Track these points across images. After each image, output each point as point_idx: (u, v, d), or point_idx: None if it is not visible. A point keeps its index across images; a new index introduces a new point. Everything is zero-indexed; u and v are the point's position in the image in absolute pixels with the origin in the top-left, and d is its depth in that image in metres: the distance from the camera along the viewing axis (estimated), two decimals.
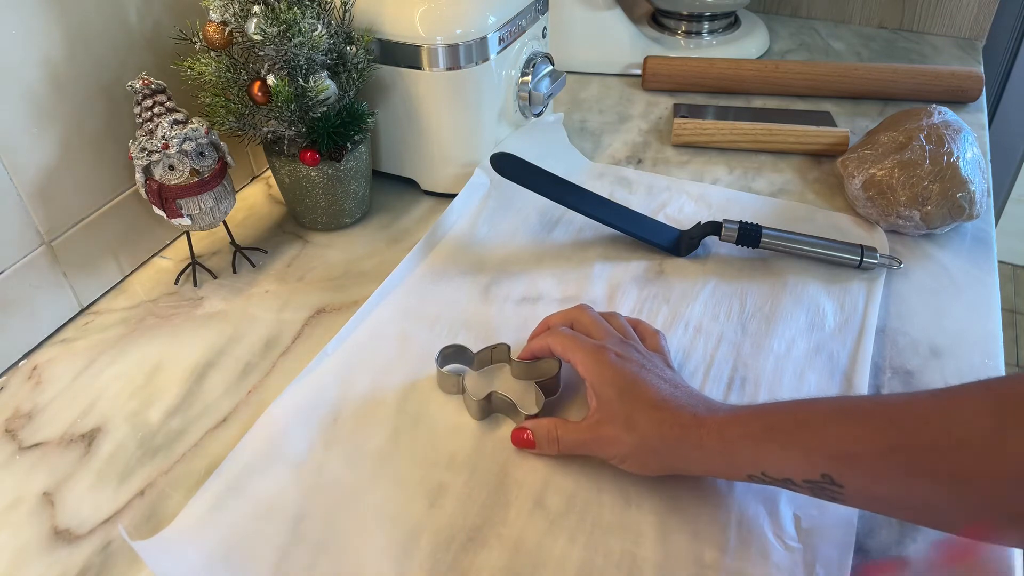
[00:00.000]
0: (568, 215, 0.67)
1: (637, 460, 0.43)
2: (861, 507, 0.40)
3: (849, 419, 0.37)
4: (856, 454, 0.36)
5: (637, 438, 0.42)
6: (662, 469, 0.43)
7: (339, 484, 0.45)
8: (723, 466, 0.41)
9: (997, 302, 0.58)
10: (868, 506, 0.39)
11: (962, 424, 0.33)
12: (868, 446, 0.35)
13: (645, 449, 0.42)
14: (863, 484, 0.36)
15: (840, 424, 0.37)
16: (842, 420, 0.37)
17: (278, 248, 0.65)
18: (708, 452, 0.40)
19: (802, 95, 0.85)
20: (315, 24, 0.56)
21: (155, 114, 0.54)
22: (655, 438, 0.42)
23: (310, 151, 0.60)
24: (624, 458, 0.43)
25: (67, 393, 0.52)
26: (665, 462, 0.42)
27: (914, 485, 0.34)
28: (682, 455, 0.41)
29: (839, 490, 0.36)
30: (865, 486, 0.36)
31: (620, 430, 0.42)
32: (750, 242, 0.61)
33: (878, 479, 0.35)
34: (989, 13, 0.95)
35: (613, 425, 0.43)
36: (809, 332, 0.55)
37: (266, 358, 0.54)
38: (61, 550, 0.43)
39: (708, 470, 0.43)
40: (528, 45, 0.69)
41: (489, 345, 0.52)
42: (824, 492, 0.37)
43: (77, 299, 0.59)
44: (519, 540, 0.42)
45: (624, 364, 0.45)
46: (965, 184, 0.61)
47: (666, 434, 0.41)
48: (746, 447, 0.39)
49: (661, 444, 0.42)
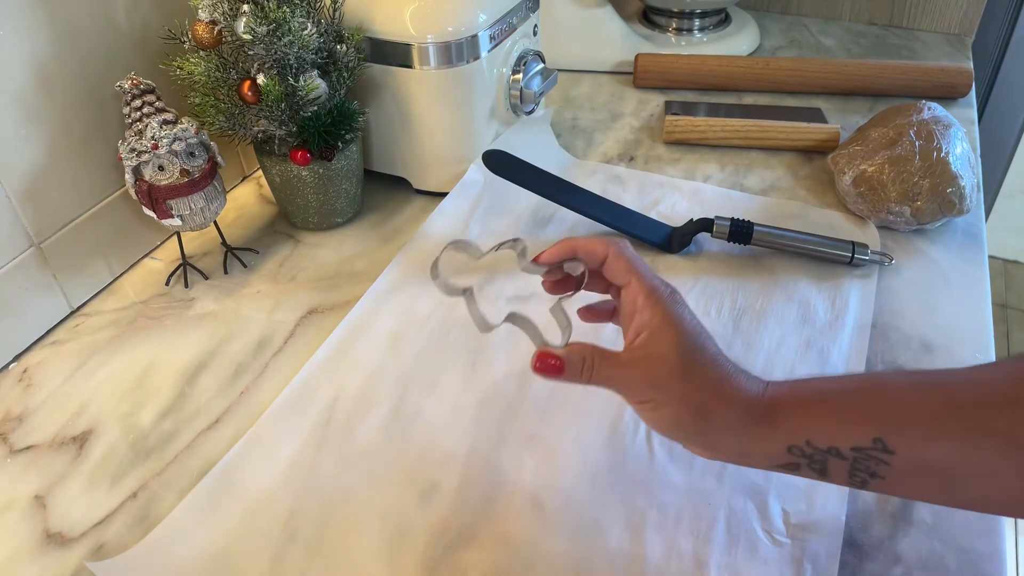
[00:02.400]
0: (560, 213, 0.67)
1: (671, 413, 0.38)
2: (904, 489, 0.36)
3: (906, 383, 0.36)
4: (912, 415, 0.34)
5: (688, 389, 0.37)
6: (689, 426, 0.38)
7: (332, 484, 0.45)
8: (765, 435, 0.37)
9: (988, 297, 0.58)
10: (914, 483, 0.35)
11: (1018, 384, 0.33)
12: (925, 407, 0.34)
13: (689, 405, 0.37)
14: (917, 449, 0.33)
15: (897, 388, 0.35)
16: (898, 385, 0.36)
17: (269, 248, 0.65)
18: (754, 417, 0.37)
19: (793, 92, 0.85)
20: (305, 23, 0.56)
21: (144, 114, 0.54)
22: (707, 393, 0.37)
23: (301, 150, 0.60)
24: (659, 406, 0.38)
25: (58, 395, 0.52)
26: (700, 420, 0.37)
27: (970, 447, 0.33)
28: (723, 419, 0.37)
29: (888, 459, 0.34)
30: (919, 451, 0.33)
31: (671, 376, 0.37)
32: (742, 239, 0.61)
33: (933, 441, 0.33)
34: (978, 9, 0.96)
35: (664, 367, 0.37)
36: (800, 328, 0.55)
37: (258, 359, 0.54)
38: (53, 553, 0.43)
39: (747, 442, 0.37)
40: (519, 43, 0.69)
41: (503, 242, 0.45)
42: (869, 464, 0.34)
43: (67, 301, 0.58)
44: (512, 538, 0.42)
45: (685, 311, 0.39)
46: (955, 179, 0.61)
47: (718, 391, 0.37)
48: (795, 412, 0.36)
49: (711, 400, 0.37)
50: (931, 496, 0.37)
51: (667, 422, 0.38)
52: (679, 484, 0.45)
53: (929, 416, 0.34)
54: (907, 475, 0.34)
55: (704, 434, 0.38)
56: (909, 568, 0.41)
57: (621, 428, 0.48)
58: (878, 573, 0.40)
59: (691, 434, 0.38)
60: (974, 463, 0.33)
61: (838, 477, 0.36)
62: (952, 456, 0.33)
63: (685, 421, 0.38)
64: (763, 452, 0.37)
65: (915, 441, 0.34)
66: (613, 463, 0.46)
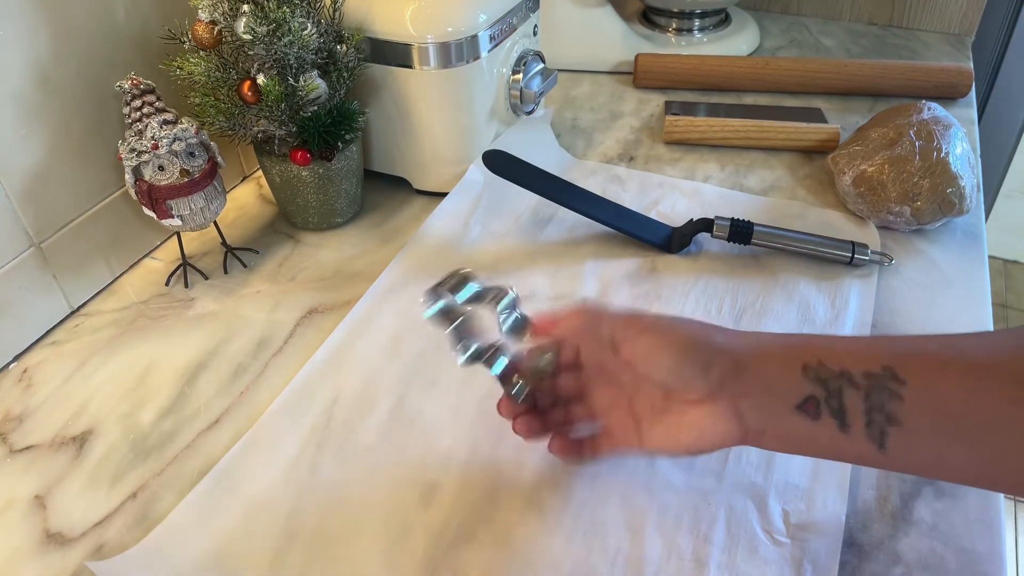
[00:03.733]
0: (560, 213, 0.67)
1: (718, 421, 0.37)
2: (923, 443, 0.34)
3: (908, 336, 0.37)
4: (925, 352, 0.34)
5: (716, 389, 0.37)
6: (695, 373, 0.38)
7: (332, 484, 0.45)
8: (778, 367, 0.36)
9: (988, 297, 0.58)
10: (932, 430, 0.33)
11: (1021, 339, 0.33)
12: (934, 350, 0.34)
13: (725, 404, 0.37)
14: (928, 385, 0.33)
15: (901, 336, 0.37)
16: (902, 336, 0.37)
17: (269, 248, 0.65)
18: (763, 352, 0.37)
19: (793, 92, 0.86)
20: (305, 23, 0.56)
21: (144, 114, 0.54)
22: (736, 386, 0.37)
23: (301, 151, 0.60)
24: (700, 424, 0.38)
25: (58, 395, 0.52)
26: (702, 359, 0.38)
27: (983, 389, 0.32)
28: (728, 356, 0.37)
29: (900, 389, 0.33)
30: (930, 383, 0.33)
31: (695, 380, 0.37)
32: (742, 239, 0.61)
33: (945, 379, 0.33)
34: (978, 9, 0.96)
35: (683, 378, 0.38)
36: (800, 328, 0.55)
37: (258, 359, 0.54)
38: (53, 553, 0.43)
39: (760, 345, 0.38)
40: (519, 43, 0.69)
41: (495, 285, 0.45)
42: (883, 398, 0.34)
43: (67, 301, 0.58)
44: (512, 537, 0.42)
45: (665, 321, 0.40)
46: (955, 179, 0.61)
47: (710, 336, 0.38)
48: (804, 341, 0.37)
49: (741, 391, 0.37)
50: (950, 454, 0.34)
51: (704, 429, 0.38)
52: (679, 484, 0.45)
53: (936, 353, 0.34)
54: (922, 418, 0.33)
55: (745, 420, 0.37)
56: (909, 568, 0.41)
57: None
58: (878, 573, 0.40)
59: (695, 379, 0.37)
60: (986, 409, 0.32)
61: (856, 423, 0.34)
62: (964, 398, 0.32)
63: (688, 372, 0.37)
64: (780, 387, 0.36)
65: (924, 373, 0.33)
66: (613, 463, 0.46)
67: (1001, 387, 0.32)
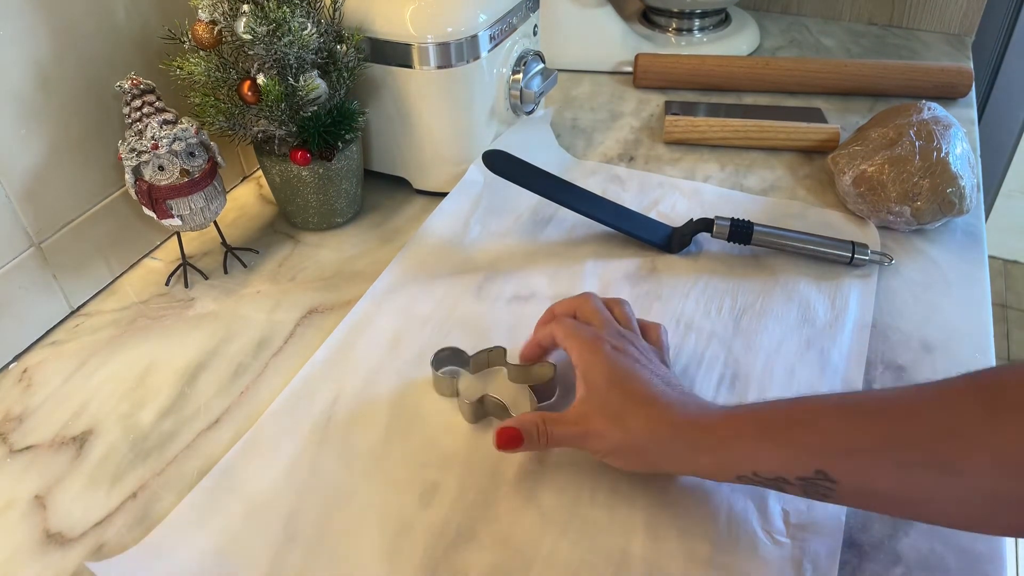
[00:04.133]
0: (560, 213, 0.67)
1: (622, 456, 0.42)
2: (854, 505, 0.40)
3: (842, 414, 0.37)
4: (850, 448, 0.36)
5: (625, 434, 0.41)
6: (647, 467, 0.42)
7: (332, 483, 0.45)
8: (713, 467, 0.40)
9: (988, 296, 0.58)
10: (862, 503, 0.38)
11: (953, 414, 0.33)
12: (862, 440, 0.35)
13: (632, 446, 0.41)
14: (857, 479, 0.36)
15: (833, 419, 0.37)
16: (835, 415, 0.37)
17: (269, 248, 0.65)
18: (698, 452, 0.40)
19: (793, 92, 0.85)
20: (305, 23, 0.56)
21: (144, 114, 0.54)
22: (644, 435, 0.41)
23: (301, 150, 0.60)
24: (608, 453, 0.42)
25: (58, 395, 0.52)
26: (651, 460, 0.42)
27: (907, 477, 0.34)
28: (671, 454, 0.41)
29: (832, 486, 0.36)
30: (859, 481, 0.36)
31: (608, 424, 0.41)
32: (742, 239, 0.61)
33: (872, 472, 0.35)
34: (978, 9, 0.96)
35: (601, 418, 0.42)
36: (800, 328, 0.55)
37: (258, 359, 0.54)
38: (53, 553, 0.43)
39: (696, 471, 0.42)
40: (519, 43, 0.69)
41: (485, 348, 0.52)
42: (817, 489, 0.37)
43: (67, 301, 0.58)
44: (511, 537, 0.42)
45: (618, 356, 0.44)
46: (955, 179, 0.61)
47: (656, 431, 0.41)
48: (738, 446, 0.39)
49: (650, 442, 0.41)
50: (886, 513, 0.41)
51: (621, 463, 0.43)
52: (679, 484, 0.44)
53: (869, 449, 0.35)
54: (856, 498, 0.37)
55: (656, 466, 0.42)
56: (909, 568, 0.41)
57: None
58: (878, 573, 0.40)
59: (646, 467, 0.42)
60: (912, 491, 0.35)
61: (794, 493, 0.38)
62: (892, 485, 0.35)
63: (634, 462, 0.42)
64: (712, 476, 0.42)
65: (854, 473, 0.36)
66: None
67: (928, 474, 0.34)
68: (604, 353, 0.44)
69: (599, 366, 0.43)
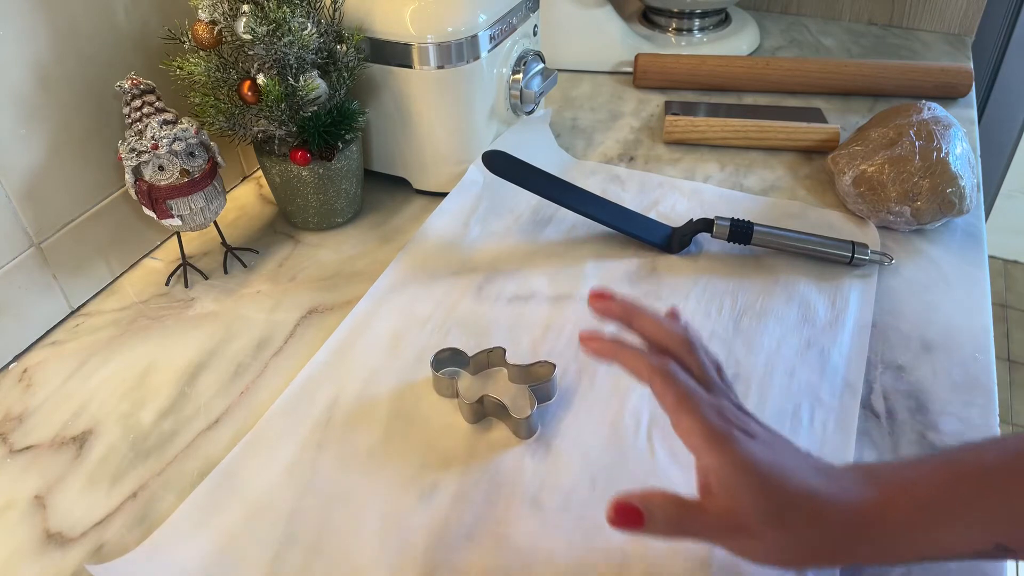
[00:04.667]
0: (560, 213, 0.67)
1: (782, 556, 0.36)
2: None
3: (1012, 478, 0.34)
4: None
5: (788, 537, 0.35)
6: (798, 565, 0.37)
7: (332, 484, 0.45)
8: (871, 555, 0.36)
9: (988, 296, 0.58)
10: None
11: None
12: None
13: (798, 548, 0.35)
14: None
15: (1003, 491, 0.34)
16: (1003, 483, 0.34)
17: (269, 248, 0.65)
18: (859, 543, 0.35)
19: (793, 92, 0.85)
20: (305, 23, 0.56)
21: (144, 114, 0.54)
22: (814, 537, 0.35)
23: (301, 150, 0.60)
24: (766, 554, 0.36)
25: (58, 395, 0.52)
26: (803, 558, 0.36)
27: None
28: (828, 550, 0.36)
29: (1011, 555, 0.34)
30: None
31: (763, 526, 0.35)
32: (742, 239, 0.61)
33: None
34: (978, 8, 0.96)
35: (752, 518, 0.35)
36: (800, 328, 0.55)
37: (258, 359, 0.54)
38: (53, 553, 0.43)
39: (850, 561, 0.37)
40: (519, 43, 0.69)
41: (485, 348, 0.52)
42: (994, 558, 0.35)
43: (67, 301, 0.58)
44: (512, 538, 0.42)
45: (752, 446, 0.36)
46: (955, 179, 0.61)
47: (827, 532, 0.35)
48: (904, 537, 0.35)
49: (821, 542, 0.35)
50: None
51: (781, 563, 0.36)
52: (679, 484, 0.44)
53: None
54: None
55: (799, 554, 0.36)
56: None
57: (621, 428, 0.48)
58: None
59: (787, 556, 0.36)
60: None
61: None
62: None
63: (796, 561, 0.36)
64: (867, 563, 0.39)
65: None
66: (613, 463, 0.46)
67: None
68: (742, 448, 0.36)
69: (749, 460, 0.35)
